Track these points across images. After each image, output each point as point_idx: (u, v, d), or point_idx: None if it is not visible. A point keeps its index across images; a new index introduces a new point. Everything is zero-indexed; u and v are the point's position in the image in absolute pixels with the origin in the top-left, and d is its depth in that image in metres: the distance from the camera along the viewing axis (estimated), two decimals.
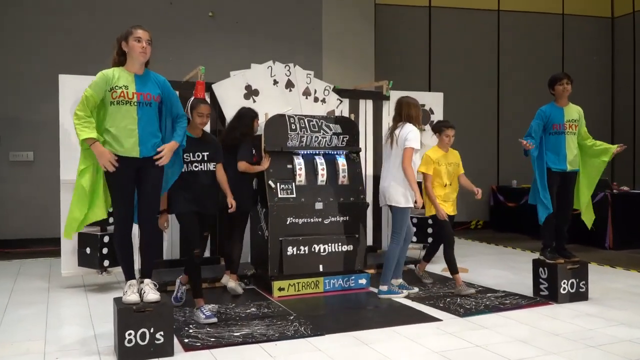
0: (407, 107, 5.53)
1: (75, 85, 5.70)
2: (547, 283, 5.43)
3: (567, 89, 5.49)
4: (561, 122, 5.45)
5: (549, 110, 5.49)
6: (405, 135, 5.36)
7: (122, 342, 3.78)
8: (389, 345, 4.15)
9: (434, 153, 5.78)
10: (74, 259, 5.77)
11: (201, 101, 4.94)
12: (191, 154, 4.76)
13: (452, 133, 5.80)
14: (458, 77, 10.88)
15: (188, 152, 4.70)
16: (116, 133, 3.90)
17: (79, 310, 5.12)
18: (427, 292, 5.78)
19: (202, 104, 4.87)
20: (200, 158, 4.83)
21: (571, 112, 5.53)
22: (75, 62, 8.08)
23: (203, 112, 4.84)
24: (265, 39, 9.38)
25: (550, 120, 5.45)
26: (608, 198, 8.67)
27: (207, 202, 4.85)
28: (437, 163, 5.71)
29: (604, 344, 4.17)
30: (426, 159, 5.74)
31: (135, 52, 3.95)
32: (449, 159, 5.81)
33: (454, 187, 5.84)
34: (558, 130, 5.44)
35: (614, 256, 8.05)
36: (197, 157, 4.81)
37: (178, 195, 4.70)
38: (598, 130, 11.25)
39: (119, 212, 4.02)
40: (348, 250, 5.84)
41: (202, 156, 4.83)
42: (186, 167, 4.70)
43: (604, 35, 11.96)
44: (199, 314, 4.64)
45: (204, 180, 4.83)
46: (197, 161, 4.81)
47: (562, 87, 5.48)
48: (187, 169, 4.72)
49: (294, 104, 6.69)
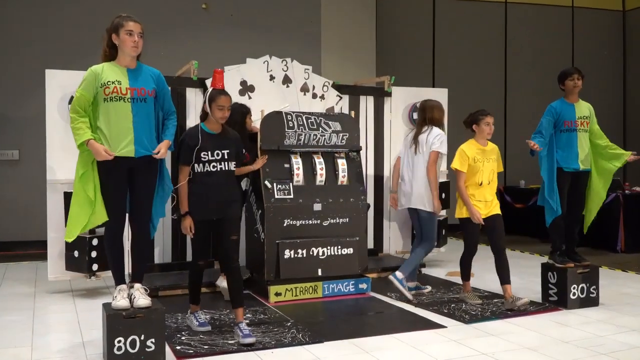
0: (430, 110, 5.61)
1: (62, 80, 5.64)
2: (557, 288, 5.35)
3: (578, 85, 5.41)
4: (573, 119, 5.36)
5: (560, 107, 5.40)
6: (432, 139, 5.48)
7: (112, 350, 3.72)
8: (390, 353, 4.11)
9: (470, 148, 5.28)
10: (61, 262, 5.68)
11: (220, 92, 4.35)
12: (209, 153, 4.29)
13: (492, 120, 5.34)
14: (463, 72, 10.80)
15: (206, 151, 4.27)
16: (110, 132, 3.84)
17: (67, 317, 5.05)
18: (431, 297, 5.69)
19: (222, 95, 4.31)
20: (220, 157, 4.33)
21: (582, 109, 5.46)
22: (62, 55, 7.98)
23: (223, 104, 4.30)
24: (261, 32, 9.28)
25: (561, 117, 5.35)
26: (620, 199, 8.54)
27: (229, 206, 4.38)
28: (473, 160, 5.21)
29: (615, 351, 4.13)
30: (460, 154, 5.26)
31: (126, 47, 3.87)
32: (487, 154, 5.29)
33: (492, 187, 5.29)
34: (570, 127, 5.34)
35: (626, 259, 7.95)
36: (216, 155, 4.32)
37: (192, 201, 4.32)
38: (609, 126, 11.10)
39: (112, 211, 3.95)
40: (348, 254, 5.74)
41: (221, 154, 4.34)
42: (202, 167, 4.29)
43: (615, 28, 11.87)
44: (192, 319, 4.50)
45: (224, 182, 4.36)
46: (215, 160, 4.31)
47: (572, 83, 5.39)
48: (203, 169, 4.29)
49: (292, 100, 6.61)
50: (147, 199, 4.06)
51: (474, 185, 5.23)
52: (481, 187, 5.22)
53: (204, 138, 4.25)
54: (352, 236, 5.79)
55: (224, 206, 4.34)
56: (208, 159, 4.29)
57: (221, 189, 4.33)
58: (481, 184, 5.21)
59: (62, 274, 5.72)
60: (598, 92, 10.82)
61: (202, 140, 4.24)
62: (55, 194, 5.59)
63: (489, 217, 5.22)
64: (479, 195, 5.22)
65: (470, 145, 5.32)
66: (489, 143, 5.37)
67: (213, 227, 4.37)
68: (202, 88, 6.25)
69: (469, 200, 5.18)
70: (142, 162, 3.93)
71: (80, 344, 4.27)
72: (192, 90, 6.25)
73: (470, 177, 5.23)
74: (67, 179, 5.55)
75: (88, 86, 3.82)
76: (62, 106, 5.63)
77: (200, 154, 4.25)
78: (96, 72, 3.85)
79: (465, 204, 5.20)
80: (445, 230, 7.14)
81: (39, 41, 8.40)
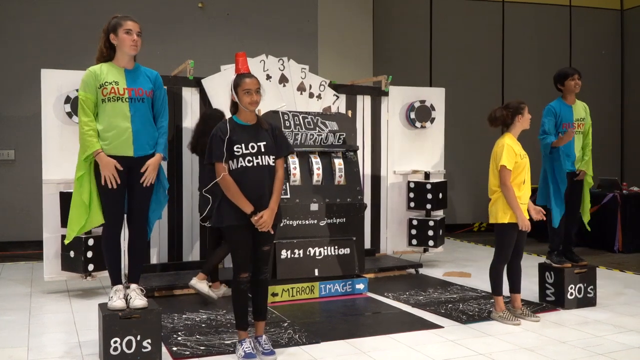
0: None
1: (58, 80, 5.61)
2: (554, 288, 5.34)
3: (579, 85, 5.38)
4: (570, 122, 5.36)
5: (559, 108, 5.38)
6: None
7: (108, 350, 3.70)
8: (387, 354, 4.10)
9: (514, 142, 4.77)
10: (57, 262, 5.65)
11: (245, 75, 3.88)
12: (243, 146, 3.79)
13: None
14: (461, 71, 10.74)
15: (239, 144, 3.79)
16: (108, 132, 3.84)
17: (63, 317, 5.02)
18: (428, 297, 5.64)
19: (246, 78, 3.83)
20: (256, 150, 3.82)
21: (579, 110, 5.46)
22: (58, 55, 7.93)
23: (251, 87, 3.81)
24: (257, 31, 9.22)
25: (560, 119, 5.34)
26: (617, 199, 8.52)
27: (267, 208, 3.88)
28: (520, 156, 4.72)
29: (613, 352, 4.13)
30: (508, 150, 4.70)
31: (125, 46, 3.87)
32: (522, 149, 4.81)
33: (527, 186, 4.81)
34: (567, 129, 5.31)
35: (624, 260, 7.93)
36: (250, 148, 3.81)
37: (224, 203, 3.86)
38: (607, 126, 11.15)
39: (109, 214, 3.95)
40: (345, 254, 5.71)
41: (257, 147, 3.83)
42: (236, 162, 3.80)
43: (613, 28, 11.82)
44: (238, 347, 3.99)
45: (262, 179, 3.84)
46: (251, 154, 3.81)
47: (573, 83, 5.35)
48: (237, 165, 3.80)
49: (288, 99, 6.58)
50: (145, 199, 4.04)
51: (519, 186, 4.73)
52: (524, 185, 4.76)
53: (236, 130, 3.82)
54: (349, 236, 5.76)
55: (262, 207, 3.83)
56: (242, 153, 3.80)
57: (260, 187, 3.83)
58: (524, 182, 4.76)
59: (58, 274, 5.69)
60: (596, 92, 10.80)
61: (234, 131, 3.82)
62: (51, 194, 5.56)
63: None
64: (524, 197, 4.76)
65: (512, 138, 4.82)
66: None
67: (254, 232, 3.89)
68: (198, 87, 6.23)
69: (516, 201, 4.66)
70: (140, 162, 3.92)
71: (77, 344, 4.25)
72: (189, 90, 6.22)
73: (516, 176, 4.73)
74: (63, 178, 5.54)
75: (89, 87, 3.83)
76: (57, 106, 5.60)
77: (233, 147, 3.79)
78: (95, 72, 3.86)
79: (513, 209, 4.66)
80: (442, 231, 7.12)
81: (34, 40, 8.33)
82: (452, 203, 9.51)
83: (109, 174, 3.82)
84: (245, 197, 3.78)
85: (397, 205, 7.18)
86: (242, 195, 3.77)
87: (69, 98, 5.57)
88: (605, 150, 10.47)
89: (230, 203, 3.81)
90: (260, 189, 3.83)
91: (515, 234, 4.76)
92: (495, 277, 4.85)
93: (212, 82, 6.27)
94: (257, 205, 3.81)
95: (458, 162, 9.70)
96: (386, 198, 7.17)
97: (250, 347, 3.92)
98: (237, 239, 3.88)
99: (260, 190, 3.83)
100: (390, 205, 7.17)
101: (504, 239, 4.79)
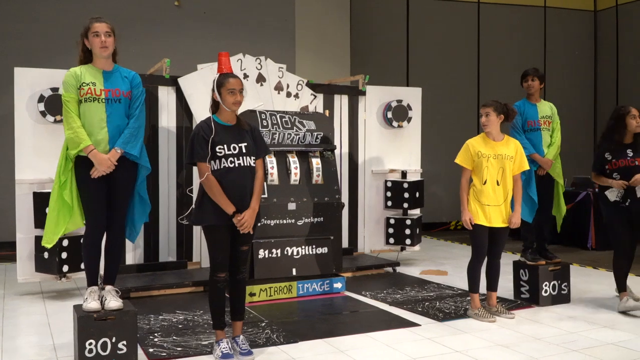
0: None
1: (32, 78, 5.54)
2: (528, 285, 5.39)
3: (532, 86, 5.53)
4: (535, 119, 5.50)
5: (523, 106, 5.54)
6: None
7: (83, 352, 3.67)
8: (365, 352, 4.11)
9: (479, 142, 4.84)
10: (31, 264, 5.57)
11: (229, 75, 3.88)
12: (225, 147, 3.79)
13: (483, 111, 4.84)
14: (437, 71, 10.83)
15: (222, 144, 3.79)
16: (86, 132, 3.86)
17: (37, 319, 4.96)
18: (405, 295, 5.67)
19: (231, 78, 3.83)
20: (238, 151, 3.83)
21: (544, 109, 5.59)
22: (32, 53, 7.83)
23: (235, 87, 3.81)
24: (234, 30, 9.18)
25: (525, 117, 5.49)
26: (590, 197, 8.63)
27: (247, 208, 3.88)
28: (478, 154, 4.76)
29: (587, 348, 4.18)
30: (464, 148, 4.84)
31: (95, 48, 3.93)
32: (497, 149, 4.79)
33: (502, 189, 4.79)
34: (533, 127, 5.50)
35: (597, 257, 8.03)
36: (232, 149, 3.82)
37: (206, 202, 3.84)
38: (581, 125, 11.31)
39: (92, 216, 3.95)
40: (323, 253, 5.71)
41: (239, 148, 3.83)
42: (219, 163, 3.80)
43: (586, 28, 11.99)
44: (215, 348, 3.96)
45: (243, 180, 3.84)
46: (233, 155, 3.82)
47: (527, 84, 5.55)
48: (219, 165, 3.80)
49: (266, 99, 6.54)
50: (125, 199, 4.04)
51: (478, 185, 4.79)
52: (485, 186, 4.75)
53: (218, 130, 3.81)
54: (326, 235, 5.75)
55: (243, 208, 3.84)
56: (224, 154, 3.80)
57: (242, 188, 3.84)
58: (485, 182, 4.75)
59: (31, 276, 5.60)
60: (569, 91, 10.97)
61: (217, 132, 3.80)
62: (25, 194, 5.48)
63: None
64: (486, 198, 4.76)
65: (477, 139, 4.88)
66: (507, 137, 4.92)
67: (233, 232, 3.90)
68: (174, 86, 6.17)
69: (465, 202, 4.79)
70: (118, 162, 3.92)
71: (51, 346, 4.21)
72: (165, 89, 6.16)
73: (476, 175, 4.80)
74: (36, 179, 5.48)
75: (72, 87, 3.87)
76: (31, 105, 5.52)
77: (216, 148, 3.78)
78: (75, 73, 3.91)
79: (461, 205, 4.81)
80: (419, 229, 7.16)
81: (7, 39, 8.19)
82: (429, 202, 9.55)
83: (106, 170, 3.84)
84: (227, 197, 3.78)
85: (375, 204, 7.20)
86: (224, 195, 3.77)
87: (43, 97, 5.49)
88: (578, 149, 10.64)
89: (212, 202, 3.80)
90: (242, 190, 3.84)
91: (485, 234, 4.80)
92: (471, 275, 4.91)
93: (188, 81, 6.22)
94: (239, 206, 3.82)
95: (434, 161, 9.76)
96: (363, 197, 7.18)
97: (228, 348, 3.90)
98: (217, 238, 3.88)
99: (242, 190, 3.84)
100: (367, 204, 7.18)
101: (475, 239, 4.88)
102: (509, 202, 4.83)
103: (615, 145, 5.09)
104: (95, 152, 3.83)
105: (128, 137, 3.93)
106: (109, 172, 3.87)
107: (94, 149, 3.83)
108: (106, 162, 3.83)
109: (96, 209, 3.93)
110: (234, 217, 3.79)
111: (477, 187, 4.77)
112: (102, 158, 3.83)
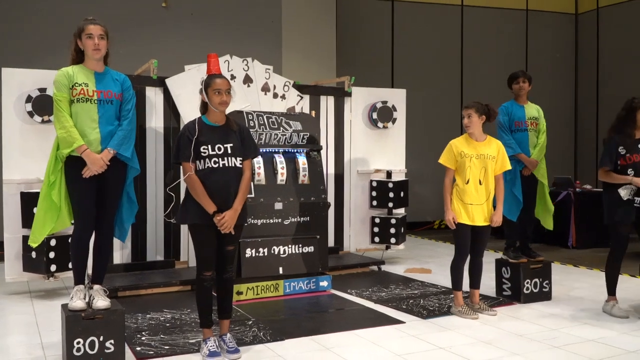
0: None
1: (20, 79, 5.53)
2: (510, 283, 5.45)
3: (524, 87, 5.59)
4: (523, 120, 5.56)
5: (510, 107, 5.60)
6: None
7: (70, 351, 3.67)
8: (351, 350, 4.12)
9: (462, 142, 4.88)
10: (19, 263, 5.55)
11: (216, 76, 3.91)
12: (209, 147, 3.80)
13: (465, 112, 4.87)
14: (422, 73, 10.89)
15: (206, 145, 3.80)
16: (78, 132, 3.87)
17: (25, 318, 4.95)
18: (390, 293, 5.72)
19: (216, 79, 3.86)
20: (222, 151, 3.83)
21: (531, 110, 5.65)
22: (20, 54, 7.78)
23: (221, 87, 3.82)
24: (222, 31, 9.17)
25: (512, 118, 5.55)
26: (571, 197, 8.73)
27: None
28: (461, 154, 4.82)
29: (569, 344, 4.22)
30: (447, 148, 4.89)
31: (88, 50, 3.94)
32: (479, 149, 4.85)
33: (485, 188, 4.86)
34: (520, 127, 5.55)
35: (578, 255, 8.12)
36: (217, 150, 3.82)
37: (190, 202, 3.85)
38: (562, 126, 11.44)
39: (82, 215, 3.95)
40: (309, 252, 5.74)
41: (223, 149, 3.84)
42: (203, 163, 3.81)
43: (567, 31, 12.13)
44: (202, 346, 3.98)
45: (227, 180, 3.83)
46: (217, 155, 3.82)
47: (518, 86, 5.60)
48: (204, 165, 3.81)
49: (252, 100, 6.57)
50: (115, 199, 4.06)
51: (461, 184, 4.84)
52: (468, 185, 4.81)
53: (204, 130, 3.83)
54: (312, 234, 5.78)
55: (226, 209, 3.83)
56: (208, 154, 3.81)
57: (225, 189, 3.83)
58: (468, 182, 4.80)
59: (19, 275, 5.59)
60: (550, 93, 11.08)
61: (202, 132, 3.82)
62: (12, 194, 5.46)
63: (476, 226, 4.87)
64: (469, 197, 4.81)
65: (461, 140, 4.92)
66: (490, 138, 4.95)
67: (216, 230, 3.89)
68: (162, 87, 6.18)
69: (448, 201, 4.85)
70: (109, 162, 3.94)
71: (39, 345, 4.20)
72: (152, 89, 6.18)
73: (459, 175, 4.85)
74: (24, 178, 5.48)
75: (63, 87, 3.87)
76: (19, 105, 5.51)
77: (200, 148, 3.79)
78: (68, 73, 3.91)
79: (444, 204, 4.87)
80: (404, 228, 7.23)
81: None
82: (414, 201, 9.62)
83: (99, 170, 3.86)
84: (211, 198, 3.78)
85: (360, 204, 7.26)
86: (206, 195, 3.78)
87: (31, 97, 5.49)
88: (559, 150, 10.78)
89: (196, 202, 3.82)
90: (225, 190, 3.83)
91: (468, 233, 4.86)
92: (455, 273, 4.97)
93: (176, 81, 6.24)
94: (223, 206, 3.82)
95: (419, 161, 9.83)
96: (349, 197, 7.24)
97: (215, 346, 3.92)
98: (201, 237, 3.89)
99: (226, 191, 3.83)
100: (353, 203, 7.24)
101: (458, 238, 4.93)
102: (491, 201, 4.89)
103: (628, 139, 4.86)
104: (88, 152, 3.84)
105: (122, 139, 3.97)
106: (101, 172, 3.89)
107: (87, 148, 3.84)
108: (99, 162, 3.85)
109: (86, 208, 3.94)
110: (214, 216, 3.82)
111: (460, 186, 4.82)
112: (95, 158, 3.85)
